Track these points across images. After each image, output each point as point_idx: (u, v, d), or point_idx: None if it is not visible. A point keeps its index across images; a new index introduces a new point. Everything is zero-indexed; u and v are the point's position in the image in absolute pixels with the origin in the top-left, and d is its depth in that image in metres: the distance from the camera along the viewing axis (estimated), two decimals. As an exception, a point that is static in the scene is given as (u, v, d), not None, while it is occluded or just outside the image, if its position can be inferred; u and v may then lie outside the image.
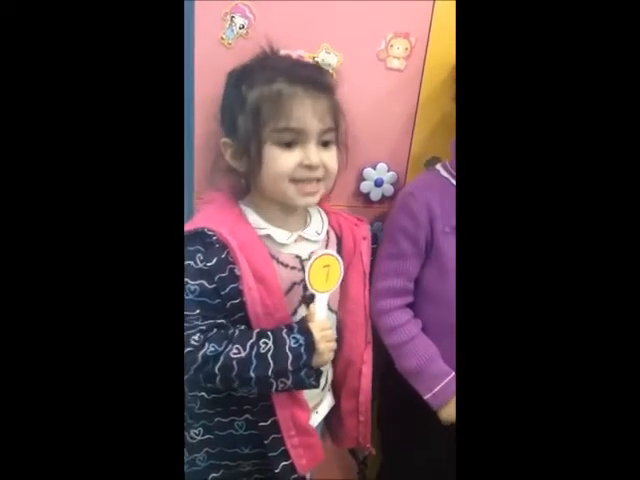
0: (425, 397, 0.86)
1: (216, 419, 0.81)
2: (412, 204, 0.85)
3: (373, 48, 0.88)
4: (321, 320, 0.75)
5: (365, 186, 0.95)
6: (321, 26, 0.85)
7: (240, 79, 0.77)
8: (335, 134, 0.79)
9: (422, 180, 0.89)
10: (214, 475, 0.83)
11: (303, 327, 0.73)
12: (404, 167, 0.97)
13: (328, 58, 0.87)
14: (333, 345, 0.76)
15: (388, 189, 0.96)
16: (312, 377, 0.74)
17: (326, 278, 0.75)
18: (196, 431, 0.82)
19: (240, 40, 0.82)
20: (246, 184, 0.78)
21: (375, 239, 0.98)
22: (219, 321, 0.74)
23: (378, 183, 0.95)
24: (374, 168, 0.95)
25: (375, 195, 0.96)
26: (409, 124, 0.94)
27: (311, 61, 0.81)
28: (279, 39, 0.82)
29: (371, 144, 0.93)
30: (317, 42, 0.86)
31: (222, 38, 0.82)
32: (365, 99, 0.90)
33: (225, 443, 0.82)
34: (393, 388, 0.94)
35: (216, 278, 0.72)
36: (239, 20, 0.82)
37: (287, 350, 0.72)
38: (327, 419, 0.96)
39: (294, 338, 0.72)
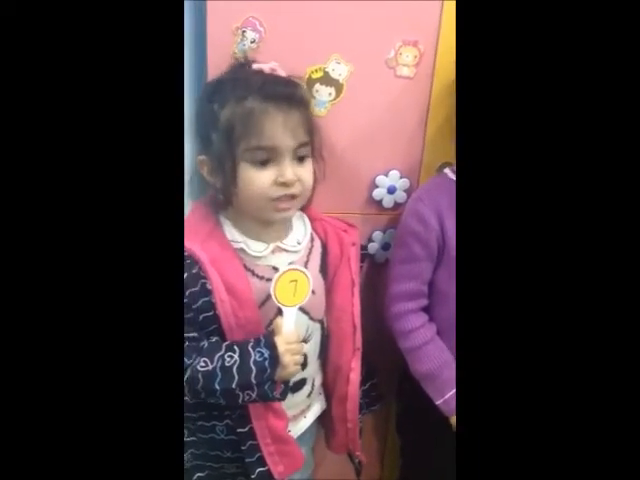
0: (437, 402, 0.85)
1: (199, 422, 0.82)
2: (421, 208, 0.85)
3: (382, 57, 0.89)
4: (288, 333, 0.75)
5: (378, 193, 0.96)
6: (331, 37, 0.87)
7: (212, 95, 0.77)
8: (310, 148, 0.79)
9: (430, 184, 0.90)
10: (199, 475, 0.85)
11: (269, 341, 0.74)
12: (416, 174, 0.97)
13: (338, 68, 0.89)
14: (299, 359, 0.76)
15: (401, 196, 0.97)
16: (276, 391, 0.74)
17: (294, 293, 0.74)
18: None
19: (252, 54, 0.84)
20: (224, 199, 0.79)
21: (387, 246, 0.99)
22: (191, 335, 0.75)
23: (391, 190, 0.96)
24: (386, 175, 0.95)
25: (388, 202, 0.97)
26: (420, 131, 0.95)
27: (283, 75, 0.79)
28: (290, 51, 0.85)
29: (383, 152, 0.95)
30: (327, 53, 0.88)
31: (234, 52, 0.85)
32: (376, 107, 0.92)
33: (208, 446, 0.83)
34: (410, 392, 0.93)
35: (187, 293, 0.73)
36: (250, 34, 0.85)
37: (251, 364, 0.72)
38: (322, 424, 0.96)
39: (259, 352, 0.73)
